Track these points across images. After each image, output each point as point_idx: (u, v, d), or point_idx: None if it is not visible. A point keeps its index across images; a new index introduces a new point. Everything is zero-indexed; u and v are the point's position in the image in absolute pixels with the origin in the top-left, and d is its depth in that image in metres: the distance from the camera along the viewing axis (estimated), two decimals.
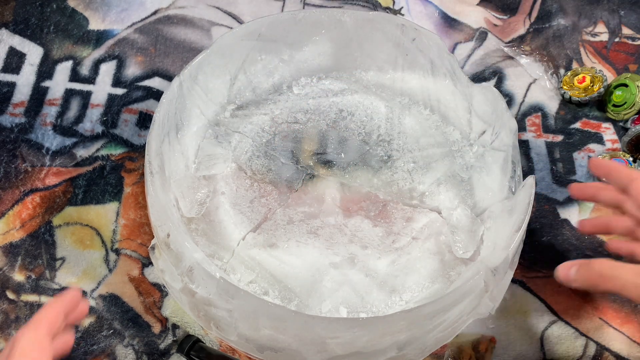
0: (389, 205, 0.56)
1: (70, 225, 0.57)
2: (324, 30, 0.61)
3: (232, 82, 0.61)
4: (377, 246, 0.54)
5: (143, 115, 0.65)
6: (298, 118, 0.61)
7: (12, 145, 0.61)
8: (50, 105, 0.64)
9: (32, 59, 0.68)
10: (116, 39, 0.70)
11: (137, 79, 0.67)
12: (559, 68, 0.72)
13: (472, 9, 0.76)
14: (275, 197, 0.56)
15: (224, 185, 0.56)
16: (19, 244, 0.56)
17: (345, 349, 0.43)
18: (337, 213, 0.55)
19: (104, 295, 0.54)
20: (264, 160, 0.58)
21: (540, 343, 0.54)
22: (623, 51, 0.74)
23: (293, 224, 0.55)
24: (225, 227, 0.54)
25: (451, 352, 0.53)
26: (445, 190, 0.57)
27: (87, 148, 0.62)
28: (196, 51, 0.69)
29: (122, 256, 0.56)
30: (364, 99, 0.62)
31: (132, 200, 0.59)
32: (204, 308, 0.45)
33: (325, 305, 0.50)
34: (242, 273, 0.52)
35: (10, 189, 0.59)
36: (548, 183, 0.63)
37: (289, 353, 0.45)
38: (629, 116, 0.66)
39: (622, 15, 0.77)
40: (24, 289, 0.54)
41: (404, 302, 0.51)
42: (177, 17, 0.72)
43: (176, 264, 0.45)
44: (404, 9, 0.76)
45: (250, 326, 0.44)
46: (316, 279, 0.52)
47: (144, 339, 0.52)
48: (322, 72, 0.64)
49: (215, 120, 0.60)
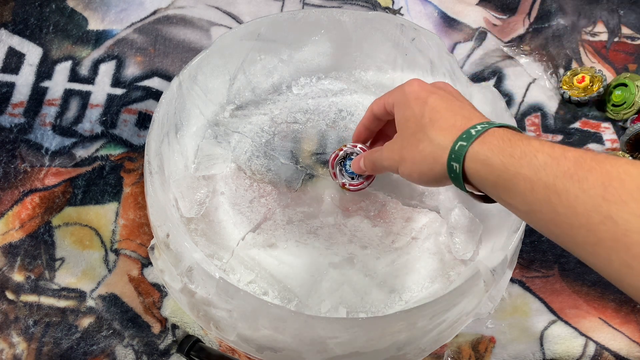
0: (389, 205, 0.56)
1: (69, 226, 0.57)
2: (323, 30, 0.61)
3: (231, 82, 0.61)
4: (376, 246, 0.54)
5: (142, 115, 0.65)
6: (297, 118, 0.61)
7: (12, 145, 0.61)
8: (49, 105, 0.64)
9: (31, 59, 0.68)
10: (115, 39, 0.70)
11: (137, 79, 0.67)
12: (558, 68, 0.72)
13: (471, 9, 0.76)
14: (274, 197, 0.56)
15: (224, 185, 0.56)
16: (18, 245, 0.56)
17: (344, 348, 0.43)
18: (337, 213, 0.55)
19: (104, 295, 0.54)
20: (263, 160, 0.58)
21: (539, 343, 0.54)
22: (622, 51, 0.74)
23: (292, 224, 0.55)
24: (224, 227, 0.54)
25: (451, 352, 0.53)
26: (445, 190, 0.57)
27: (87, 148, 0.62)
28: (195, 51, 0.69)
29: (122, 256, 0.56)
30: (364, 98, 0.62)
31: (131, 200, 0.59)
32: (203, 308, 0.45)
33: (324, 305, 0.50)
34: (242, 273, 0.52)
35: (9, 189, 0.59)
36: None
37: (289, 353, 0.45)
38: (628, 116, 0.66)
39: (621, 15, 0.77)
40: (23, 289, 0.54)
41: (403, 302, 0.51)
42: (176, 17, 0.72)
43: (176, 264, 0.45)
44: (404, 9, 0.76)
45: (249, 326, 0.44)
46: (315, 279, 0.52)
47: (144, 339, 0.52)
48: (322, 72, 0.64)
49: (214, 120, 0.60)
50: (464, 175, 0.38)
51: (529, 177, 0.33)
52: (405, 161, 0.42)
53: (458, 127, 0.38)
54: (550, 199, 0.32)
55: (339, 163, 0.54)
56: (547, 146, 0.34)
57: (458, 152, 0.37)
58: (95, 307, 0.53)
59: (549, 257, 0.59)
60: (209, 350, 0.51)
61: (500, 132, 0.36)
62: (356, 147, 0.53)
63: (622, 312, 0.56)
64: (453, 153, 0.37)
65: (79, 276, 0.55)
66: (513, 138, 0.35)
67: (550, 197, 0.32)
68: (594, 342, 0.55)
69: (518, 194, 0.34)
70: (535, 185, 0.33)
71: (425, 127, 0.40)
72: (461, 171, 0.37)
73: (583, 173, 0.31)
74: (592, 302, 0.57)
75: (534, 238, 0.60)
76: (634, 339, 0.55)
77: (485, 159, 0.36)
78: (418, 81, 0.43)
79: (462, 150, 0.37)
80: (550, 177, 0.32)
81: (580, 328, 0.55)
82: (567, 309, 0.56)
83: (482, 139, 0.36)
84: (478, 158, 0.36)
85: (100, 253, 0.56)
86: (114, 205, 0.59)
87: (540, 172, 0.33)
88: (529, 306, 0.56)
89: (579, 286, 0.57)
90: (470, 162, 0.37)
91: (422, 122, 0.40)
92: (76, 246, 0.56)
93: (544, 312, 0.56)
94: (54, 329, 0.52)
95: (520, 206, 0.35)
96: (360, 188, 0.54)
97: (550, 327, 0.55)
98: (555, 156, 0.33)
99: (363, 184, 0.53)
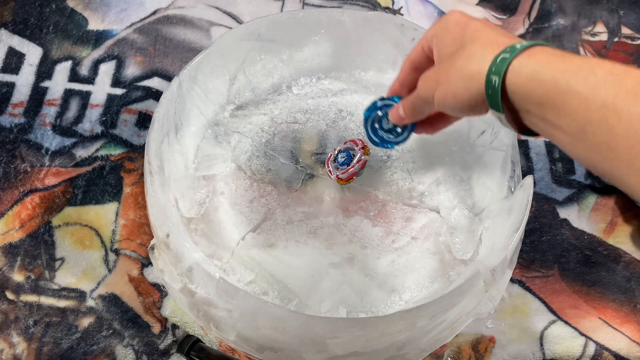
0: (389, 205, 0.56)
1: (69, 226, 0.57)
2: (323, 31, 0.61)
3: (231, 82, 0.61)
4: (376, 246, 0.54)
5: (142, 115, 0.65)
6: (297, 118, 0.61)
7: (12, 145, 0.61)
8: (49, 105, 0.64)
9: (31, 59, 0.68)
10: (115, 39, 0.70)
11: (137, 79, 0.67)
12: None
13: (471, 9, 0.76)
14: (274, 197, 0.56)
15: (224, 186, 0.56)
16: (18, 245, 0.56)
17: (344, 348, 0.43)
18: (337, 213, 0.55)
19: (104, 295, 0.54)
20: (263, 160, 0.58)
21: (539, 343, 0.54)
22: (622, 51, 0.74)
23: (292, 224, 0.55)
24: (224, 227, 0.54)
25: (451, 352, 0.53)
26: (445, 190, 0.57)
27: (87, 148, 0.62)
28: (195, 51, 0.69)
29: (122, 256, 0.56)
30: (364, 99, 0.62)
31: (131, 200, 0.59)
32: (203, 308, 0.45)
33: (324, 305, 0.50)
34: (242, 273, 0.52)
35: (9, 189, 0.59)
36: (547, 183, 0.63)
37: (289, 353, 0.45)
38: None
39: (621, 15, 0.77)
40: (23, 289, 0.54)
41: (403, 302, 0.51)
42: (176, 17, 0.72)
43: (176, 264, 0.45)
44: (404, 9, 0.76)
45: (249, 326, 0.44)
46: (315, 279, 0.52)
47: (144, 339, 0.52)
48: (322, 72, 0.64)
49: (214, 120, 0.60)
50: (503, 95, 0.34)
51: (584, 94, 0.29)
52: (440, 84, 0.38)
53: (501, 43, 0.34)
54: (608, 120, 0.29)
55: (333, 160, 0.55)
56: (607, 63, 0.30)
57: (500, 64, 0.33)
58: (95, 307, 0.53)
59: (549, 257, 0.59)
60: (209, 350, 0.51)
61: (549, 49, 0.33)
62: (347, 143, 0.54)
63: (622, 312, 0.56)
64: (494, 66, 0.33)
65: (79, 276, 0.55)
66: (566, 54, 0.32)
67: (607, 117, 0.29)
68: (593, 342, 0.55)
69: (568, 114, 0.31)
70: (591, 103, 0.29)
71: (465, 45, 0.36)
72: (500, 87, 0.33)
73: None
74: (592, 302, 0.57)
75: (534, 238, 0.60)
76: (634, 339, 0.55)
77: (532, 72, 0.32)
78: (456, 11, 0.39)
79: (504, 62, 0.33)
80: (610, 95, 0.29)
81: (580, 328, 0.55)
82: (567, 309, 0.56)
83: (530, 52, 0.33)
84: (523, 72, 0.32)
85: (100, 253, 0.56)
86: (114, 205, 0.59)
87: (599, 89, 0.29)
88: (528, 306, 0.56)
89: (579, 286, 0.57)
90: (514, 77, 0.33)
91: (463, 41, 0.37)
92: (76, 246, 0.56)
93: (544, 312, 0.56)
94: (54, 329, 0.52)
95: (569, 127, 0.31)
96: (352, 172, 0.54)
97: (550, 327, 0.55)
98: (617, 73, 0.29)
99: (354, 167, 0.54)
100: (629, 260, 0.59)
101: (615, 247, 0.60)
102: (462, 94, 0.36)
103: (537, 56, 0.32)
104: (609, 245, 0.60)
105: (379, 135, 0.51)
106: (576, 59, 0.31)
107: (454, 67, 0.36)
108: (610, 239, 0.60)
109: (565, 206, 0.62)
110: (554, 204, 0.62)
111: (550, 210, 0.62)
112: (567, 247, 0.59)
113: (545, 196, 0.62)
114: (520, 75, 0.32)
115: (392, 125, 0.49)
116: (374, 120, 0.50)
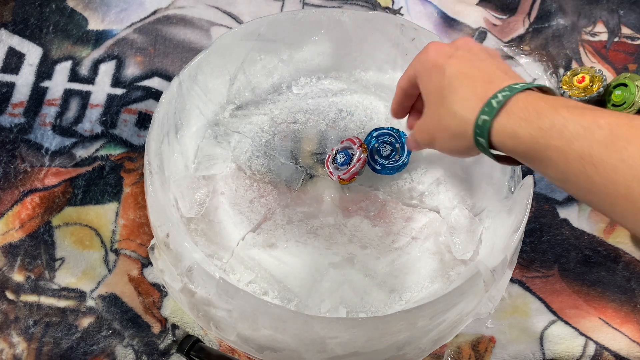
0: (389, 205, 0.56)
1: (69, 226, 0.57)
2: (323, 30, 0.61)
3: (231, 82, 0.61)
4: (376, 246, 0.54)
5: (142, 115, 0.65)
6: (297, 118, 0.61)
7: (12, 145, 0.61)
8: (49, 105, 0.64)
9: (31, 59, 0.68)
10: (115, 39, 0.70)
11: (137, 79, 0.67)
12: (558, 68, 0.72)
13: (471, 9, 0.76)
14: (274, 197, 0.56)
15: (224, 185, 0.56)
16: (18, 245, 0.56)
17: (344, 348, 0.43)
18: (337, 213, 0.55)
19: (104, 295, 0.54)
20: (263, 160, 0.58)
21: (539, 343, 0.54)
22: (622, 51, 0.74)
23: (292, 224, 0.55)
24: (224, 227, 0.54)
25: (451, 352, 0.53)
26: (445, 190, 0.57)
27: (87, 148, 0.62)
28: (195, 51, 0.69)
29: (122, 256, 0.56)
30: (364, 98, 0.62)
31: (131, 200, 0.59)
32: (203, 308, 0.45)
33: (324, 305, 0.50)
34: (242, 273, 0.52)
35: (9, 189, 0.59)
36: (547, 183, 0.63)
37: (289, 353, 0.45)
38: None
39: (621, 15, 0.77)
40: (23, 289, 0.54)
41: (403, 302, 0.51)
42: (176, 17, 0.72)
43: (176, 264, 0.45)
44: (403, 9, 0.76)
45: (249, 326, 0.44)
46: (315, 279, 0.52)
47: (144, 339, 0.52)
48: (322, 72, 0.64)
49: (214, 120, 0.60)
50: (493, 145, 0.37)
51: (561, 148, 0.32)
52: (436, 140, 0.42)
53: (479, 96, 0.36)
54: (586, 170, 0.31)
55: (332, 161, 0.55)
56: (576, 114, 0.32)
57: (482, 127, 0.36)
58: (95, 307, 0.53)
59: (549, 257, 0.59)
60: (209, 350, 0.51)
61: (523, 100, 0.35)
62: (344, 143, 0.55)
63: (622, 312, 0.56)
64: (478, 128, 0.36)
65: (79, 276, 0.55)
66: (538, 106, 0.34)
67: (585, 168, 0.31)
68: (594, 342, 0.55)
69: (551, 165, 0.33)
70: (569, 156, 0.31)
71: (446, 99, 0.39)
72: (488, 145, 0.36)
73: (621, 143, 0.29)
74: (592, 302, 0.57)
75: (534, 238, 0.60)
76: (634, 339, 0.55)
77: (511, 132, 0.34)
78: (434, 46, 0.42)
79: (486, 124, 0.35)
80: (585, 148, 0.31)
81: (580, 328, 0.55)
82: (567, 309, 0.56)
83: (506, 111, 0.35)
84: (504, 131, 0.35)
85: (100, 253, 0.56)
86: (114, 205, 0.59)
87: (573, 143, 0.31)
88: (528, 306, 0.56)
89: (579, 286, 0.57)
90: (497, 136, 0.35)
91: (443, 93, 0.39)
92: (76, 246, 0.56)
93: (544, 312, 0.56)
94: (54, 329, 0.52)
95: (555, 175, 0.33)
96: (354, 172, 0.54)
97: (550, 327, 0.55)
98: (587, 125, 0.31)
99: (355, 166, 0.54)
100: (629, 260, 0.59)
101: (615, 247, 0.60)
102: (457, 148, 0.40)
103: (515, 114, 0.34)
104: (609, 245, 0.60)
105: (380, 163, 0.56)
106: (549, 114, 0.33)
107: (442, 124, 0.40)
108: (610, 239, 0.60)
109: (565, 206, 0.62)
110: (554, 204, 0.62)
111: (550, 210, 0.62)
112: (567, 247, 0.59)
113: (545, 196, 0.62)
114: (501, 134, 0.35)
115: (389, 152, 0.55)
116: (373, 149, 0.55)
